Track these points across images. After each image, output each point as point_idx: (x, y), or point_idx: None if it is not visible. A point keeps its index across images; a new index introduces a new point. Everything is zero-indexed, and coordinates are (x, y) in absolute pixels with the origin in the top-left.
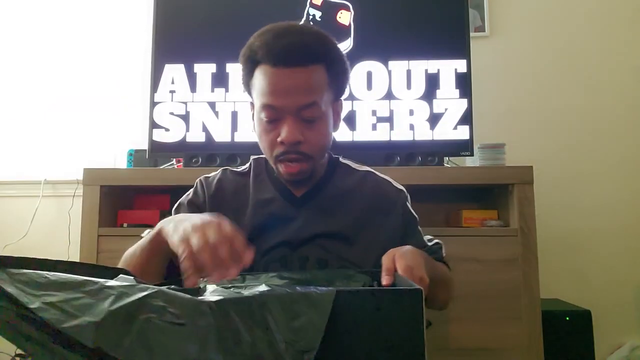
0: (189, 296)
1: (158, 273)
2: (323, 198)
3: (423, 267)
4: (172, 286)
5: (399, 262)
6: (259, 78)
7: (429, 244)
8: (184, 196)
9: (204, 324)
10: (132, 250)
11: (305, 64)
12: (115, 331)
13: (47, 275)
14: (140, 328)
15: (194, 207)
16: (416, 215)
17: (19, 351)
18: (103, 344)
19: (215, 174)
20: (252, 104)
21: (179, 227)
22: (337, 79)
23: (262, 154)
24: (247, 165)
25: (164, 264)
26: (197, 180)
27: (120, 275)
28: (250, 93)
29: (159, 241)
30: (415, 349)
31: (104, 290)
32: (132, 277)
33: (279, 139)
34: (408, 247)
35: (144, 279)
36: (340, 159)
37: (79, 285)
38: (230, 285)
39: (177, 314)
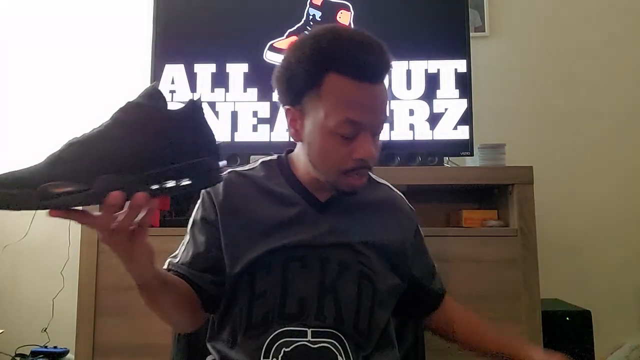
0: None
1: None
2: (348, 206)
3: None
4: None
5: None
6: (335, 90)
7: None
8: (195, 212)
9: None
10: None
11: (383, 81)
12: None
13: None
14: None
15: (207, 224)
16: (423, 235)
17: (20, 351)
18: None
19: None
20: (296, 110)
21: None
22: None
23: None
24: (256, 165)
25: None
26: (203, 191)
27: None
28: (301, 95)
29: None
30: None
31: None
32: None
33: (356, 155)
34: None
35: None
36: None
37: None
38: None
39: None
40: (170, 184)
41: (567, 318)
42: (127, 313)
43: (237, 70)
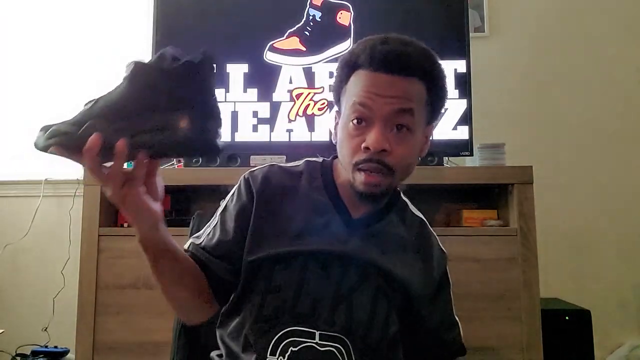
0: None
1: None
2: (377, 231)
3: None
4: None
5: None
6: (355, 81)
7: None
8: (228, 197)
9: None
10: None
11: (405, 75)
12: None
13: None
14: None
15: (242, 210)
16: (451, 281)
17: (20, 351)
18: None
19: (261, 168)
20: (337, 112)
21: None
22: (435, 100)
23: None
24: (300, 163)
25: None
26: (242, 178)
27: None
28: (339, 100)
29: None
30: None
31: None
32: None
33: (363, 145)
34: None
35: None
36: (402, 194)
37: None
38: None
39: None
40: (158, 137)
41: (567, 317)
42: (128, 312)
43: (237, 70)
